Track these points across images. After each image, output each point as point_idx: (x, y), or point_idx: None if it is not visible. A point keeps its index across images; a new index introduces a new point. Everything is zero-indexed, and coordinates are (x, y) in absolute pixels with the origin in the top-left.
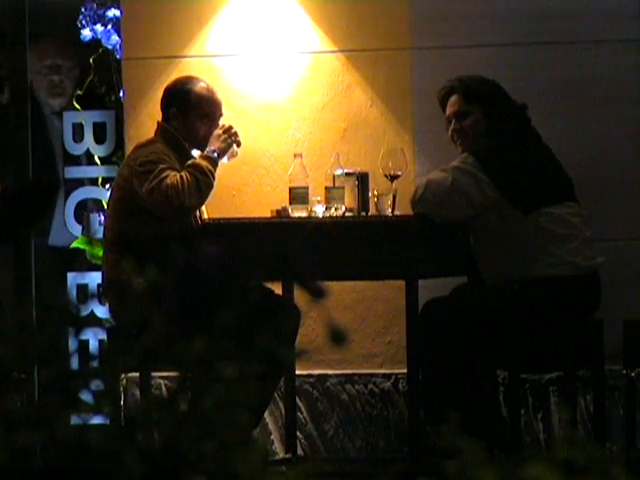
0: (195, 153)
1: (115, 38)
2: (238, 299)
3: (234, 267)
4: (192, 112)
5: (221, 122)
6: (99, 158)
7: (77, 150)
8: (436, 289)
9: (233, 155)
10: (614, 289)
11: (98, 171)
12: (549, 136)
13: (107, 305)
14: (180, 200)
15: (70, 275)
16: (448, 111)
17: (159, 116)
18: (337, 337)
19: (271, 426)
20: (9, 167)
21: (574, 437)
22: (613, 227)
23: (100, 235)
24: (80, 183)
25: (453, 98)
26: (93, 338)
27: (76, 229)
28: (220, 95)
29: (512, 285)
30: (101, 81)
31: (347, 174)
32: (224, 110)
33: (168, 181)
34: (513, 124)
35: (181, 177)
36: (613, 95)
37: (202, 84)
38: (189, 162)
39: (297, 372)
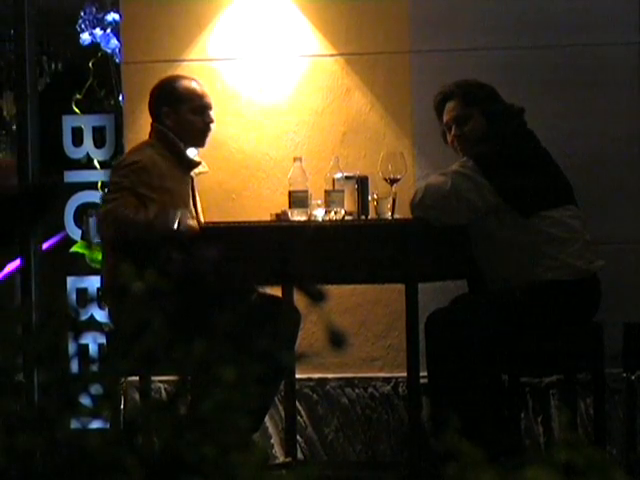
0: (191, 152)
1: (114, 42)
2: (237, 302)
3: (233, 271)
4: (184, 107)
5: (212, 115)
6: (98, 162)
7: (76, 154)
8: (436, 292)
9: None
10: (614, 292)
11: (97, 175)
12: (549, 139)
13: (106, 309)
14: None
15: (70, 279)
16: (446, 117)
17: None
18: (337, 341)
19: (271, 430)
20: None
21: (574, 440)
22: (613, 230)
23: (99, 239)
24: (79, 187)
25: (451, 103)
26: (93, 342)
27: (76, 233)
28: (220, 98)
29: (514, 290)
30: (100, 85)
31: (347, 178)
32: (225, 112)
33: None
34: (511, 127)
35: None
36: (613, 98)
37: (186, 79)
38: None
39: (297, 376)
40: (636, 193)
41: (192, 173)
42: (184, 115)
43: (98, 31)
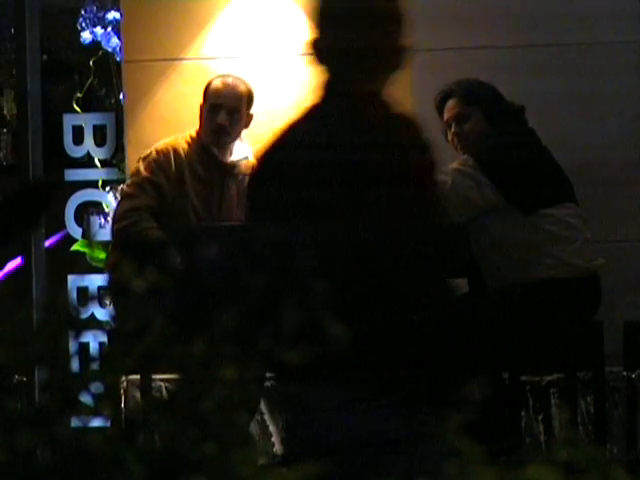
0: (240, 153)
1: (115, 41)
2: (238, 301)
3: (234, 270)
4: (204, 104)
5: (228, 116)
6: (99, 160)
7: (77, 152)
8: None
9: None
10: (614, 291)
11: (98, 173)
12: (549, 138)
13: (112, 306)
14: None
15: (70, 277)
16: (447, 115)
17: (159, 118)
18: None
19: (272, 428)
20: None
21: (574, 439)
22: (613, 228)
23: (100, 237)
24: (80, 185)
25: (451, 102)
26: (93, 340)
27: (76, 231)
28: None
29: (514, 289)
30: (101, 83)
31: None
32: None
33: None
34: (512, 126)
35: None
36: (613, 97)
37: (225, 77)
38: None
39: None
40: (636, 191)
41: (229, 175)
42: (202, 112)
43: (99, 30)
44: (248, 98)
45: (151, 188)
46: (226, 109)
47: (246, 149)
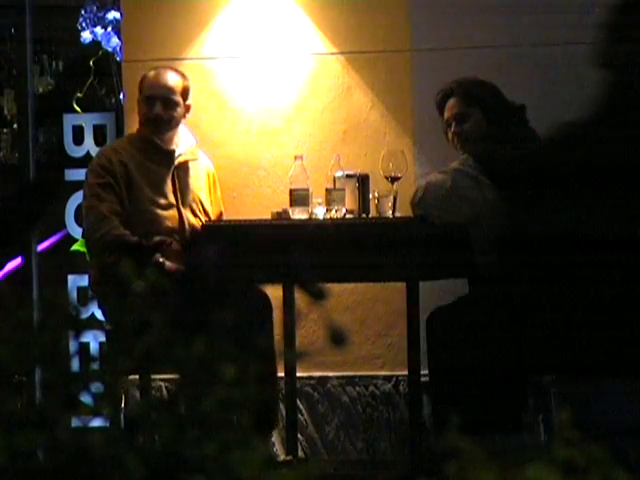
0: (169, 140)
1: (115, 40)
2: (237, 300)
3: (233, 269)
4: (140, 96)
5: (162, 106)
6: None
7: (77, 152)
8: (437, 291)
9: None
10: None
11: None
12: None
13: (99, 305)
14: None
15: (70, 277)
16: (447, 114)
17: None
18: (337, 339)
19: None
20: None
21: (575, 438)
22: None
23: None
24: (80, 185)
25: (452, 101)
26: (93, 340)
27: (76, 231)
28: (220, 96)
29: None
30: (101, 83)
31: (348, 176)
32: (225, 111)
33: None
34: (512, 125)
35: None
36: None
37: (160, 69)
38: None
39: (298, 374)
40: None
41: (176, 162)
42: (139, 104)
43: (99, 29)
44: (183, 89)
45: (106, 191)
46: (160, 99)
47: (191, 138)
